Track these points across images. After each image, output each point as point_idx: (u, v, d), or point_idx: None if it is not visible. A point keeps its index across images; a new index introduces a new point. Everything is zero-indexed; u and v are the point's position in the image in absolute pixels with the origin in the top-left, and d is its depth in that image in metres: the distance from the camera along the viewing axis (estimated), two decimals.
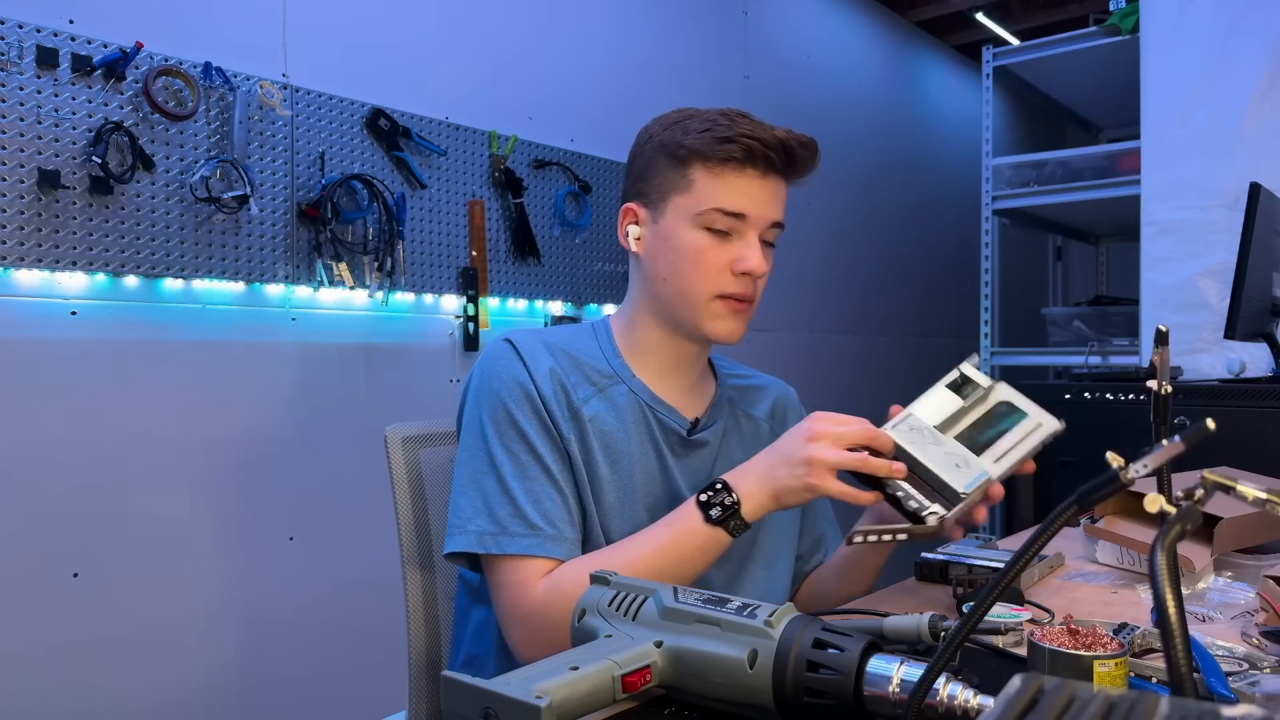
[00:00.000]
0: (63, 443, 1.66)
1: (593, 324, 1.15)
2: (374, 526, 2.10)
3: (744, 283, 1.05)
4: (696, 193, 1.04)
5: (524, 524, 0.98)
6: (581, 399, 1.05)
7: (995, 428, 0.94)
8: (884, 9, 4.02)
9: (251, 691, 1.92)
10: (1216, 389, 2.00)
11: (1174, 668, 0.47)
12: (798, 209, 3.79)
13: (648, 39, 2.84)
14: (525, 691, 0.62)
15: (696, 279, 1.04)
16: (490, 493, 1.00)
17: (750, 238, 1.04)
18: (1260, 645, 0.86)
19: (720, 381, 1.19)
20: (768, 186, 1.05)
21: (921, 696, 0.61)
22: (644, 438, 1.08)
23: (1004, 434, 0.93)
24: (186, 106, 1.76)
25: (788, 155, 1.04)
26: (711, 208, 1.03)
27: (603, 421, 1.06)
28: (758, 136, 1.02)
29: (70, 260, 1.63)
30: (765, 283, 1.08)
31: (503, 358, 1.05)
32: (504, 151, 2.36)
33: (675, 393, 1.12)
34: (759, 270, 1.04)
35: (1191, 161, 2.61)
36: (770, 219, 1.06)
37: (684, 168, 1.04)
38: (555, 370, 1.05)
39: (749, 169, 1.03)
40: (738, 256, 1.04)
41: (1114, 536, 1.16)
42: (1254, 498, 0.54)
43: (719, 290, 1.04)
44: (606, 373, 1.09)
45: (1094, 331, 3.43)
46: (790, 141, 1.04)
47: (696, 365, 1.14)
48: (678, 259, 1.05)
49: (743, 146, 1.02)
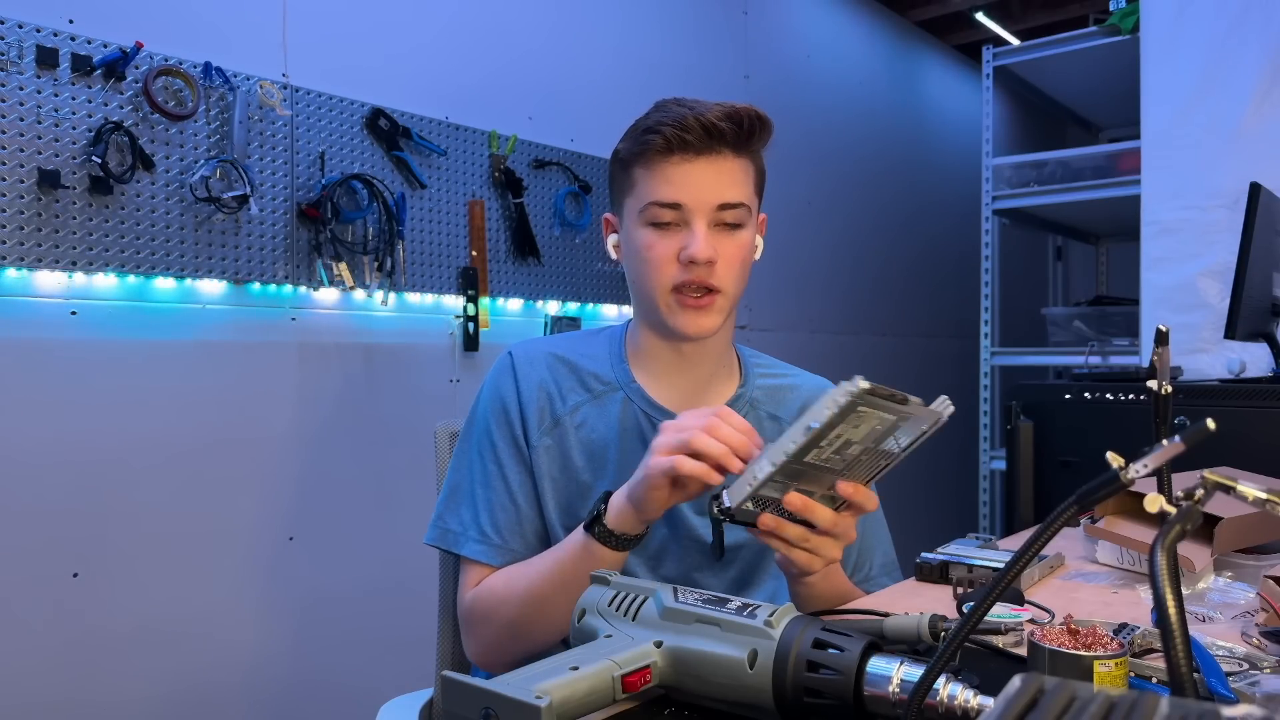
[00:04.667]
0: (63, 442, 1.66)
1: (611, 329, 1.17)
2: (374, 526, 2.10)
3: (696, 271, 1.01)
4: (638, 191, 1.05)
5: (477, 530, 1.06)
6: (568, 407, 1.09)
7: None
8: (884, 9, 4.02)
9: (251, 691, 1.92)
10: (1216, 389, 2.00)
11: (1174, 668, 0.47)
12: (798, 209, 3.79)
13: (648, 39, 2.84)
14: (525, 691, 0.62)
15: (650, 275, 1.04)
16: (462, 495, 1.09)
17: (696, 225, 1.01)
18: (1260, 645, 0.86)
19: (746, 381, 1.16)
20: (699, 169, 1.01)
21: (921, 696, 0.61)
22: (635, 445, 1.08)
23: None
24: (186, 106, 1.76)
25: (708, 133, 1.00)
26: (649, 202, 1.03)
27: (589, 428, 1.08)
28: (674, 120, 1.00)
29: (70, 260, 1.63)
30: (737, 269, 1.05)
31: (497, 372, 1.12)
32: (504, 151, 2.36)
33: (679, 395, 1.11)
34: (701, 256, 1.00)
35: (1191, 161, 2.61)
36: (712, 202, 1.02)
37: (627, 170, 1.06)
38: (544, 381, 1.10)
39: (675, 155, 1.01)
40: (682, 245, 1.02)
41: (1114, 536, 1.16)
42: (1254, 498, 0.54)
43: (672, 283, 1.03)
44: (606, 379, 1.11)
45: (1094, 331, 3.43)
46: (709, 118, 1.00)
47: (703, 364, 1.12)
48: (634, 260, 1.06)
49: (661, 135, 1.01)
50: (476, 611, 1.04)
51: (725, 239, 1.04)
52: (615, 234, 1.11)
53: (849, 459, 0.81)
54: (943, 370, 4.17)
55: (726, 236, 1.04)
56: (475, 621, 1.05)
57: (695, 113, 1.01)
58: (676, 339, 1.08)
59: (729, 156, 1.03)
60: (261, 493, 1.95)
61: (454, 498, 1.10)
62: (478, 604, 1.04)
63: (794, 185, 3.44)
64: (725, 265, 1.03)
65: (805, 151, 3.51)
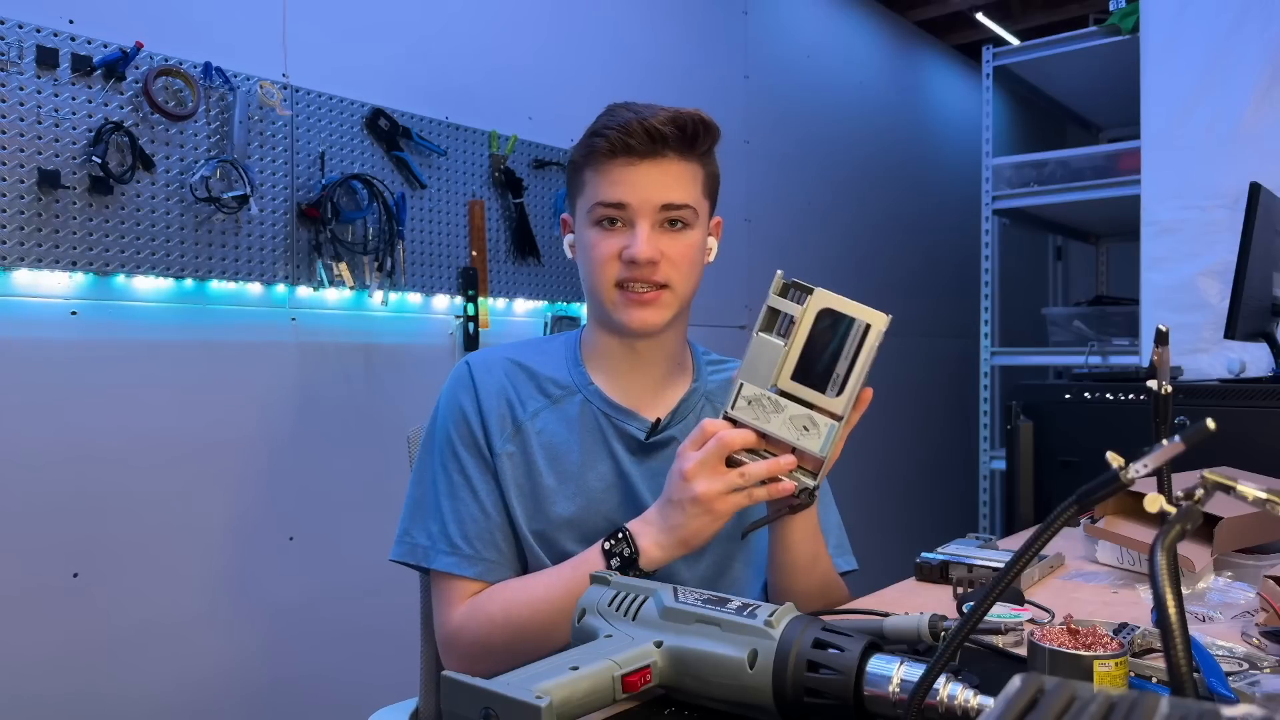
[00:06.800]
0: (63, 442, 1.66)
1: (567, 334, 1.19)
2: (374, 526, 2.10)
3: (637, 269, 1.04)
4: (587, 192, 1.08)
5: (446, 542, 1.06)
6: (529, 413, 1.10)
7: (825, 347, 0.89)
8: (884, 9, 4.02)
9: (251, 691, 1.92)
10: (1216, 389, 2.00)
11: (1174, 668, 0.47)
12: (798, 209, 3.79)
13: (648, 39, 2.84)
14: (525, 691, 0.62)
15: (595, 271, 1.07)
16: (427, 508, 1.09)
17: (639, 225, 1.04)
18: (1260, 645, 0.86)
19: (698, 375, 1.18)
20: (643, 171, 1.04)
21: (921, 696, 0.61)
22: (597, 446, 1.09)
23: (837, 357, 0.88)
24: (186, 106, 1.76)
25: (651, 137, 1.03)
26: (595, 202, 1.06)
27: (550, 433, 1.09)
28: (619, 124, 1.04)
29: (70, 260, 1.63)
30: (684, 268, 1.06)
31: (455, 381, 1.13)
32: (504, 151, 2.36)
33: (636, 394, 1.12)
34: (641, 256, 1.03)
35: (1191, 161, 2.61)
36: (655, 202, 1.04)
37: (578, 172, 1.10)
38: (504, 388, 1.11)
39: (619, 158, 1.04)
40: (626, 244, 1.05)
41: (1114, 536, 1.16)
42: (1254, 498, 0.54)
43: (615, 279, 1.06)
44: (563, 383, 1.13)
45: (1094, 331, 3.43)
46: (652, 123, 1.03)
47: (657, 362, 1.13)
48: (583, 258, 1.10)
49: (606, 138, 1.04)
50: (466, 634, 1.03)
51: (670, 239, 1.06)
52: (571, 234, 1.15)
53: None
54: (943, 370, 4.17)
55: (672, 236, 1.06)
56: (463, 644, 1.04)
57: (640, 117, 1.04)
58: (626, 335, 1.10)
59: (674, 160, 1.06)
60: (261, 493, 1.94)
61: (419, 511, 1.10)
62: (468, 627, 1.03)
63: (794, 185, 3.44)
64: (670, 264, 1.06)
65: (805, 152, 3.51)
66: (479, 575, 1.05)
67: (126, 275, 1.71)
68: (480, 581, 1.05)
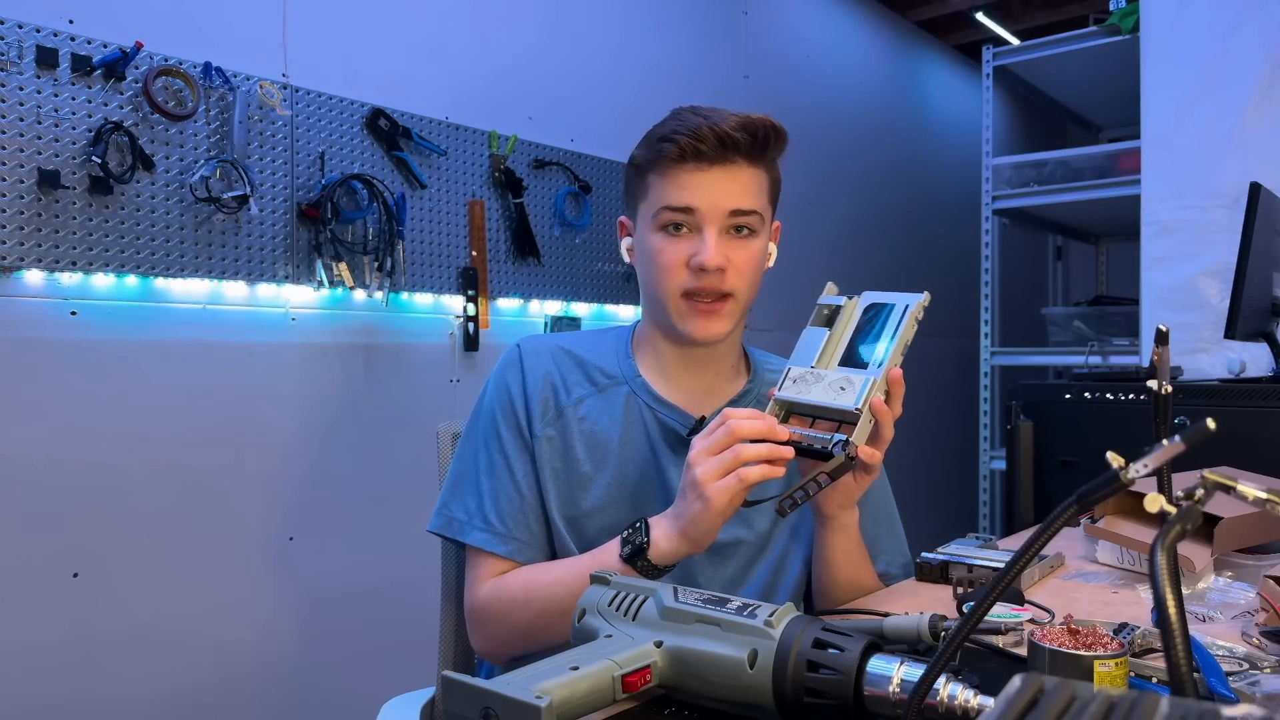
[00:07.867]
0: (63, 442, 1.66)
1: (619, 328, 1.20)
2: (374, 526, 2.10)
3: (705, 277, 1.03)
4: (652, 196, 1.07)
5: (481, 518, 1.08)
6: (573, 399, 1.11)
7: (868, 332, 0.95)
8: (884, 9, 4.02)
9: (251, 691, 1.92)
10: (1216, 389, 2.00)
11: (1174, 668, 0.47)
12: (798, 209, 3.79)
13: (648, 39, 2.84)
14: (525, 691, 0.62)
15: (660, 279, 1.06)
16: (466, 484, 1.10)
17: (708, 232, 1.03)
18: (1260, 645, 0.86)
19: (755, 377, 1.17)
20: (714, 177, 1.03)
21: (921, 696, 0.61)
22: (639, 436, 1.10)
23: (879, 334, 0.94)
24: (186, 106, 1.76)
25: (722, 142, 1.02)
26: (662, 206, 1.05)
27: (593, 421, 1.10)
28: (689, 129, 1.02)
29: (70, 260, 1.63)
30: (750, 276, 1.06)
31: (504, 362, 1.14)
32: (504, 151, 2.36)
33: (684, 392, 1.12)
34: (711, 263, 1.02)
35: (1191, 161, 2.61)
36: (724, 208, 1.03)
37: (642, 176, 1.08)
38: (550, 373, 1.12)
39: (689, 163, 1.03)
40: (693, 251, 1.04)
41: (1114, 536, 1.16)
42: (1254, 498, 0.54)
43: (682, 288, 1.05)
44: (610, 373, 1.13)
45: (1094, 331, 3.43)
46: (724, 128, 1.02)
47: (708, 365, 1.13)
48: (646, 263, 1.09)
49: (676, 143, 1.03)
50: (490, 610, 1.05)
51: (737, 246, 1.05)
52: (629, 238, 1.14)
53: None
54: (943, 370, 4.17)
55: (738, 243, 1.06)
56: (487, 620, 1.06)
57: (710, 122, 1.03)
58: (685, 343, 1.09)
59: (743, 165, 1.05)
60: (261, 493, 1.94)
61: (459, 486, 1.11)
62: (492, 604, 1.05)
63: (793, 185, 3.41)
64: (736, 272, 1.05)
65: (805, 151, 3.51)
66: (509, 554, 1.06)
67: (126, 275, 1.71)
68: (509, 561, 1.07)
